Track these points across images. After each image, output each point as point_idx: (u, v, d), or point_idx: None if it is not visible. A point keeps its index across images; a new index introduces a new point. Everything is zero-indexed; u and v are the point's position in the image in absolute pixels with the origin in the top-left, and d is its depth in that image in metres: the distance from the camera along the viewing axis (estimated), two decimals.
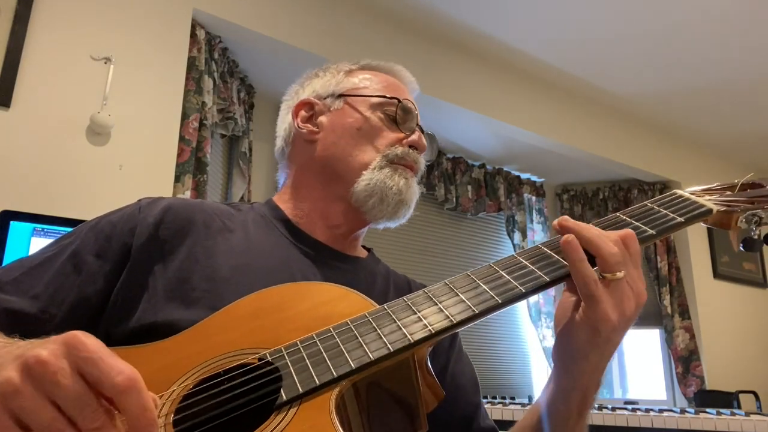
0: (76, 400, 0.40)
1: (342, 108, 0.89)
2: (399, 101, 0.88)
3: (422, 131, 0.91)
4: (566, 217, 0.63)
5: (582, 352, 0.60)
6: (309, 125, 0.89)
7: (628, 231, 0.61)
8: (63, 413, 0.40)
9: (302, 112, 0.91)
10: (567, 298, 0.63)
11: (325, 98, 0.90)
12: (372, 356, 0.53)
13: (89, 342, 0.42)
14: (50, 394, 0.40)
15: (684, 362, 3.87)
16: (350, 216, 0.86)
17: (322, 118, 0.89)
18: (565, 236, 0.59)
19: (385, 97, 0.88)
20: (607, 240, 0.59)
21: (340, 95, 0.89)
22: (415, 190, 0.88)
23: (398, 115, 0.88)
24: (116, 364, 0.41)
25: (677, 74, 3.44)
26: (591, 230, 0.60)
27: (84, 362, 0.41)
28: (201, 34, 2.38)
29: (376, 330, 0.56)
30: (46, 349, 0.41)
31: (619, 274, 0.57)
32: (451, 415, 0.80)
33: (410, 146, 0.87)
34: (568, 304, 0.62)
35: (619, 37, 3.12)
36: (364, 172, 0.83)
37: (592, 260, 0.59)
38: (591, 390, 0.64)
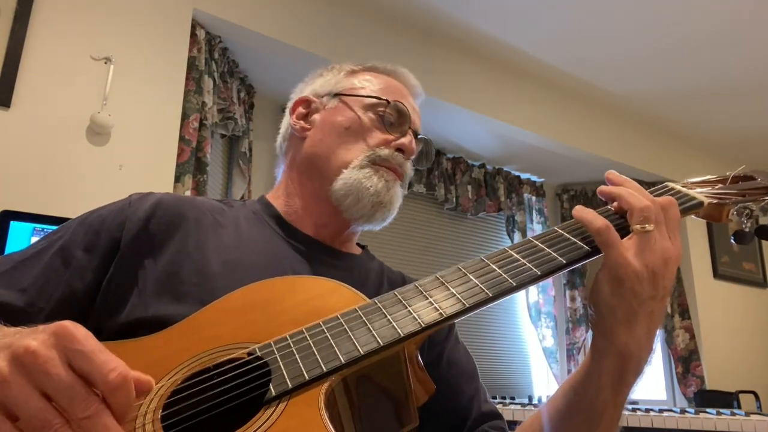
0: (67, 390, 0.40)
1: (336, 106, 0.88)
2: (389, 102, 0.86)
3: (416, 136, 0.89)
4: (614, 172, 0.69)
5: (608, 306, 0.60)
6: (302, 122, 0.90)
7: (669, 197, 0.65)
8: (52, 403, 0.40)
9: (299, 109, 0.91)
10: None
11: (322, 96, 0.90)
12: (362, 350, 0.53)
13: (79, 333, 0.42)
14: (40, 384, 0.40)
15: (684, 362, 3.86)
16: (334, 216, 0.85)
17: (316, 116, 0.89)
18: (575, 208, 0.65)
19: (378, 98, 0.87)
20: (638, 195, 0.63)
21: (337, 94, 0.89)
22: (397, 194, 0.85)
23: (389, 117, 0.86)
24: (108, 360, 0.41)
25: (677, 74, 3.44)
26: (624, 189, 0.65)
27: (75, 354, 0.41)
28: (201, 34, 2.39)
29: (366, 324, 0.56)
30: (36, 339, 0.41)
31: (648, 227, 0.60)
32: (451, 402, 0.81)
33: (398, 149, 0.85)
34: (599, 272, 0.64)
35: (618, 37, 3.12)
36: (343, 171, 0.82)
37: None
38: (628, 361, 0.61)
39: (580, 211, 0.64)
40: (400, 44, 3.02)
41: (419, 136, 0.91)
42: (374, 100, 0.87)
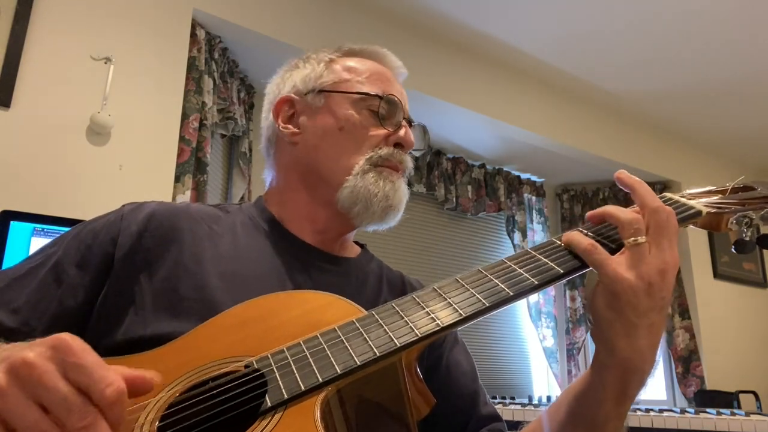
0: (63, 401, 0.40)
1: (323, 106, 0.84)
2: (381, 97, 0.83)
3: (410, 123, 0.86)
4: (624, 171, 0.67)
5: (607, 319, 0.60)
6: (290, 126, 0.85)
7: (667, 207, 0.63)
8: (48, 415, 0.40)
9: (284, 111, 0.87)
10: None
11: (305, 94, 0.85)
12: (358, 361, 0.53)
13: (76, 345, 0.42)
14: (37, 395, 0.40)
15: (684, 362, 3.86)
16: (337, 221, 0.83)
17: (303, 118, 0.85)
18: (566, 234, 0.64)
19: (367, 94, 0.83)
20: (623, 210, 0.63)
21: (321, 91, 0.85)
22: (404, 192, 0.83)
23: (383, 111, 0.83)
24: (106, 375, 0.41)
25: (677, 74, 3.44)
26: (609, 207, 0.64)
27: (72, 368, 0.41)
28: (201, 34, 2.38)
29: (363, 335, 0.56)
30: (33, 351, 0.41)
31: (640, 239, 0.60)
32: (452, 405, 0.81)
33: (396, 143, 0.83)
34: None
35: (619, 37, 3.12)
36: (347, 178, 0.80)
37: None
38: (631, 374, 0.60)
39: (567, 236, 0.64)
40: (400, 44, 3.02)
41: (413, 124, 0.88)
42: (364, 95, 0.83)
